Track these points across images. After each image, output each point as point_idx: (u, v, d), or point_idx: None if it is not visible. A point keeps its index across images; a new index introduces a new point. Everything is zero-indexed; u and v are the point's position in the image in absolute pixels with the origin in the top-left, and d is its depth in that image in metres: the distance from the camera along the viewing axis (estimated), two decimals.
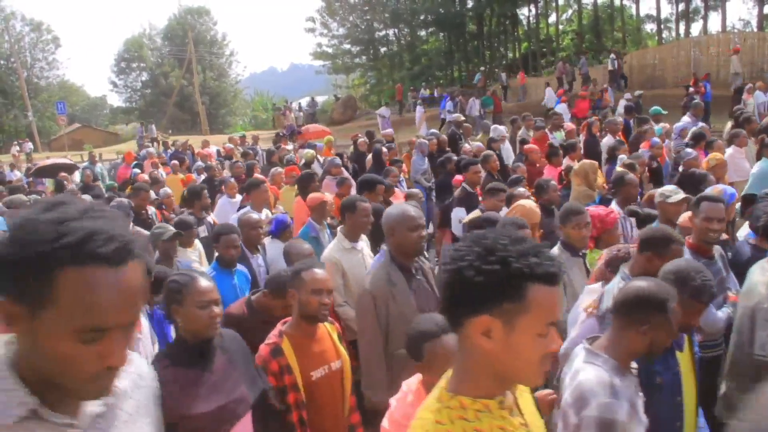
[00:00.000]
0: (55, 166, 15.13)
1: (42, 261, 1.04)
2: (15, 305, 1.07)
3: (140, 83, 59.87)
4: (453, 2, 40.08)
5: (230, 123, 57.61)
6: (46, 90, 53.61)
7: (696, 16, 35.30)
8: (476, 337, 1.38)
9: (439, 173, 9.40)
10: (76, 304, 1.05)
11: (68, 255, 1.04)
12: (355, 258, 4.66)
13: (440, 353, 2.43)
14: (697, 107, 11.40)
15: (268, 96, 59.28)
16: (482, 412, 1.40)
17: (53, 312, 1.06)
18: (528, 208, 4.93)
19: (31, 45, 53.66)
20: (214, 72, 58.42)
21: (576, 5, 39.81)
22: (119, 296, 1.09)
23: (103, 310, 1.07)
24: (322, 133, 17.36)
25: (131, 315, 1.13)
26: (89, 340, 1.08)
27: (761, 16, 29.70)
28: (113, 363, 1.12)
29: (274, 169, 9.65)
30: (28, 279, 1.05)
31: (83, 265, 1.05)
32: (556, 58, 38.31)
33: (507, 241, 1.37)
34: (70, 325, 1.06)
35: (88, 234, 1.06)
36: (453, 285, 1.40)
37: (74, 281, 1.05)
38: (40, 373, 1.12)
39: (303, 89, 79.30)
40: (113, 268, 1.07)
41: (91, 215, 1.10)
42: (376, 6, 44.66)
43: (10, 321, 1.09)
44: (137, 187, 8.34)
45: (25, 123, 44.63)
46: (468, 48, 43.09)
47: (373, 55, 46.85)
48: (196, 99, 46.15)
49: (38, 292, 1.05)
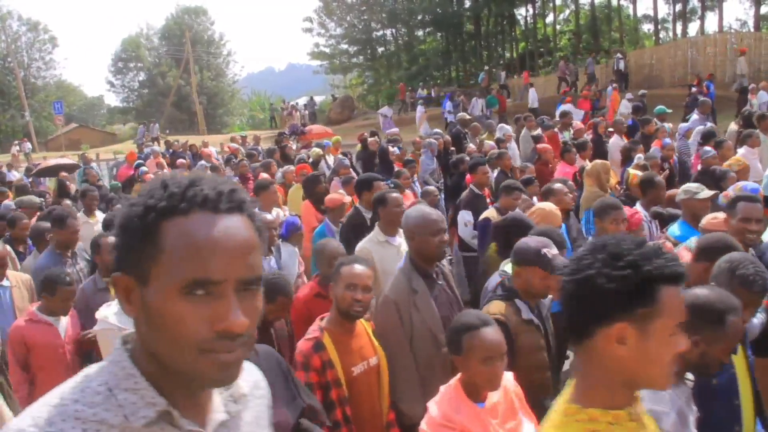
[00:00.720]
0: (57, 166, 15.04)
1: (146, 218, 0.98)
2: (128, 277, 1.01)
3: (137, 83, 59.84)
4: (450, 2, 40.13)
5: (228, 123, 57.58)
6: (43, 90, 53.51)
7: (693, 17, 35.39)
8: (610, 345, 1.35)
9: (451, 174, 9.30)
10: (180, 254, 0.96)
11: (171, 205, 0.98)
12: (388, 252, 4.55)
13: (478, 346, 2.42)
14: (705, 104, 11.30)
15: (266, 96, 59.21)
16: (614, 425, 1.37)
17: (158, 271, 0.97)
18: (548, 211, 4.75)
19: (28, 45, 53.61)
20: (212, 72, 58.38)
21: (573, 5, 39.88)
22: (227, 244, 0.98)
23: (208, 258, 0.96)
24: (326, 134, 17.19)
25: (244, 269, 1.00)
26: (197, 297, 0.96)
27: (758, 17, 29.82)
28: (225, 326, 0.97)
29: (285, 167, 9.54)
30: (135, 241, 0.99)
31: (187, 213, 0.98)
32: (553, 58, 38.42)
33: (631, 244, 1.36)
34: (175, 281, 0.96)
35: (191, 182, 1.01)
36: (582, 295, 1.37)
37: (177, 230, 0.97)
38: (157, 359, 1.01)
39: (300, 89, 79.28)
40: (219, 215, 0.99)
41: (199, 176, 1.05)
42: (374, 6, 44.73)
43: (127, 297, 1.03)
44: None
45: (22, 123, 44.54)
46: (465, 48, 43.14)
47: (370, 55, 46.90)
48: (194, 99, 46.05)
49: (144, 254, 0.99)
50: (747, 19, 37.31)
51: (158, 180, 1.03)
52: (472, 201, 6.64)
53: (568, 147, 8.57)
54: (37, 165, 17.42)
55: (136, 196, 1.04)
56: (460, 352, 2.48)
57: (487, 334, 2.44)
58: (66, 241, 5.28)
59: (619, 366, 1.36)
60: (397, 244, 4.59)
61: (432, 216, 3.46)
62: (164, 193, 0.99)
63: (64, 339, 4.15)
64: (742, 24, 38.52)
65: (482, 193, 6.84)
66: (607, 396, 1.39)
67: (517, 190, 5.74)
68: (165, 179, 1.02)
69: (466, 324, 2.51)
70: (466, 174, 8.23)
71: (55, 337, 4.09)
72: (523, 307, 3.07)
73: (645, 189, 5.62)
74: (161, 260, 0.97)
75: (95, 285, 4.60)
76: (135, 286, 1.01)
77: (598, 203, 4.39)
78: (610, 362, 1.37)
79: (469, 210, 6.46)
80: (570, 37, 41.31)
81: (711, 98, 14.26)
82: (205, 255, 0.97)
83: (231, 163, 12.72)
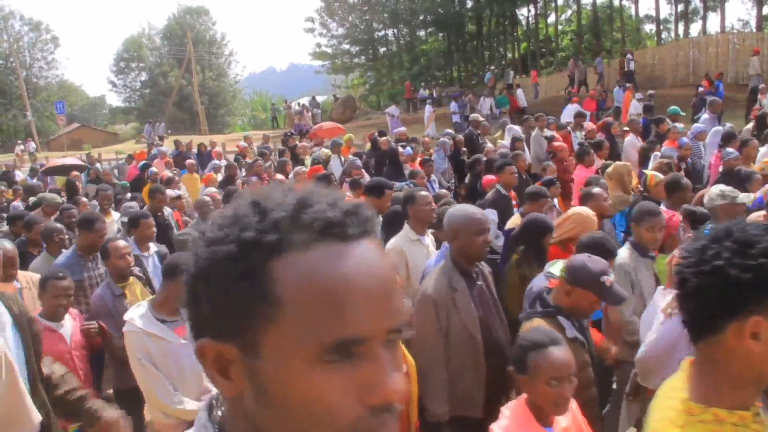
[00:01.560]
0: (65, 165, 15.01)
1: (246, 260, 0.71)
2: (222, 344, 0.73)
3: (139, 83, 59.79)
4: (452, 2, 40.14)
5: (229, 123, 57.58)
6: (45, 90, 53.51)
7: (695, 17, 35.41)
8: (742, 341, 1.26)
9: (464, 174, 9.25)
10: (309, 307, 0.69)
11: (282, 238, 0.71)
12: (419, 251, 4.56)
13: (545, 366, 2.26)
14: (715, 104, 11.21)
15: (267, 96, 59.27)
16: (738, 426, 1.28)
17: (277, 334, 0.70)
18: (586, 216, 4.52)
19: (30, 45, 53.63)
20: (213, 72, 58.37)
21: (575, 5, 39.89)
22: (369, 285, 0.72)
23: (350, 308, 0.70)
24: (337, 130, 16.88)
25: (391, 315, 0.74)
26: (338, 361, 0.70)
27: (760, 17, 29.81)
28: (383, 398, 0.71)
29: (297, 168, 9.54)
30: (232, 295, 0.71)
31: (307, 247, 0.71)
32: (555, 58, 38.44)
33: (758, 231, 1.26)
34: (308, 345, 0.69)
35: (301, 201, 0.74)
36: (712, 288, 1.27)
37: (298, 273, 0.70)
38: None
39: (302, 89, 79.31)
40: (349, 244, 0.72)
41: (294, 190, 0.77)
42: (376, 6, 44.73)
43: (222, 371, 0.74)
44: (154, 188, 8.03)
45: (24, 123, 44.53)
46: (467, 48, 43.16)
47: (372, 55, 46.91)
48: (195, 99, 46.05)
49: (249, 312, 0.70)
50: (749, 20, 37.31)
51: (244, 200, 0.76)
52: (497, 201, 6.60)
53: (586, 149, 8.34)
54: (44, 165, 17.37)
55: (204, 227, 0.77)
56: (525, 372, 2.32)
57: (555, 353, 2.29)
58: (92, 244, 5.11)
59: (750, 363, 1.28)
60: (427, 243, 4.64)
61: (477, 215, 3.44)
62: (264, 220, 0.72)
63: (70, 345, 3.95)
64: (745, 24, 38.55)
65: (508, 193, 6.76)
66: (734, 395, 1.31)
67: (543, 196, 5.64)
68: (256, 198, 0.75)
69: (533, 341, 2.35)
70: (482, 174, 8.19)
71: (60, 343, 3.86)
72: (567, 325, 2.93)
73: (671, 191, 5.50)
74: (279, 318, 0.69)
75: (112, 291, 4.44)
76: (237, 357, 0.73)
77: (638, 209, 4.25)
78: (741, 359, 1.28)
79: (494, 209, 6.35)
80: (572, 37, 41.33)
81: (720, 97, 14.25)
82: (346, 305, 0.70)
83: (241, 163, 12.68)
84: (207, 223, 0.77)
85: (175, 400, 3.40)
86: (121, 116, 62.30)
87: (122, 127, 57.84)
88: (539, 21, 40.28)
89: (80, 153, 28.84)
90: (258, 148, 15.05)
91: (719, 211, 4.66)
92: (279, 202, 0.74)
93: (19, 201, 10.56)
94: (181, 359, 3.47)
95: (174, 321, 3.53)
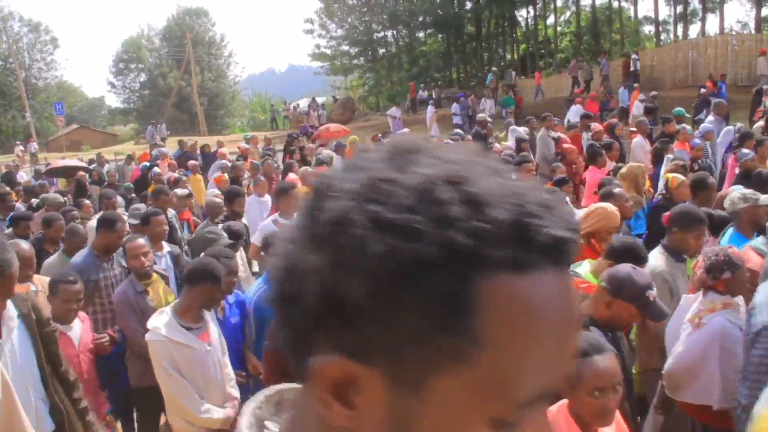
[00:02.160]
0: (67, 167, 14.98)
1: (454, 268, 0.50)
2: (363, 366, 0.54)
3: (138, 84, 59.72)
4: (451, 4, 40.23)
5: (228, 124, 57.59)
6: (44, 91, 53.50)
7: (694, 18, 35.48)
8: None
9: None
10: (517, 352, 0.52)
11: (505, 250, 0.51)
12: None
13: (588, 375, 2.14)
14: (720, 106, 11.14)
15: (266, 97, 59.27)
16: None
17: (459, 376, 0.52)
18: (610, 211, 4.30)
19: (29, 46, 53.61)
20: (213, 73, 58.36)
21: (574, 7, 39.95)
22: (576, 329, 0.58)
23: (567, 356, 0.56)
24: (343, 132, 16.81)
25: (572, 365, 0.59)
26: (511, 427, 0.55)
27: (759, 19, 29.89)
28: None
29: (303, 168, 9.44)
30: (416, 313, 0.51)
31: (524, 270, 0.52)
32: (554, 59, 38.50)
33: None
34: (493, 401, 0.53)
35: (525, 202, 0.53)
36: None
37: (515, 304, 0.52)
38: None
39: (301, 90, 79.35)
40: (562, 272, 0.55)
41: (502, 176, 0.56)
42: (375, 7, 44.80)
43: (342, 396, 0.55)
44: (158, 190, 7.92)
45: (23, 124, 44.51)
46: (466, 49, 43.25)
47: (371, 56, 46.97)
48: (195, 100, 46.06)
49: (433, 338, 0.51)
50: (748, 21, 37.37)
51: (435, 170, 0.53)
52: None
53: (598, 150, 8.17)
54: (47, 165, 17.30)
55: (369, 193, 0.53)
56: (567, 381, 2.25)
57: (599, 362, 2.15)
58: (110, 245, 5.03)
59: None
60: None
61: None
62: (482, 220, 0.50)
63: (78, 348, 3.88)
64: (743, 26, 38.58)
65: None
66: None
67: None
68: (462, 177, 0.53)
69: None
70: None
71: (68, 346, 3.74)
72: (600, 336, 2.70)
73: (697, 190, 5.41)
74: (471, 361, 0.52)
75: (134, 288, 4.42)
76: (379, 386, 0.54)
77: (683, 214, 4.08)
78: None
79: None
80: (571, 38, 41.39)
81: (724, 98, 14.20)
82: (561, 357, 0.56)
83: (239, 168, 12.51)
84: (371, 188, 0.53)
85: (201, 409, 3.39)
86: (120, 117, 62.26)
87: (121, 128, 57.78)
88: (538, 22, 40.36)
89: (81, 154, 28.87)
90: (262, 150, 15.02)
91: (742, 215, 4.55)
92: (499, 195, 0.52)
93: (20, 203, 10.52)
94: (207, 366, 3.47)
95: (199, 327, 3.52)
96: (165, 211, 7.10)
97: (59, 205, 7.95)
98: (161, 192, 7.69)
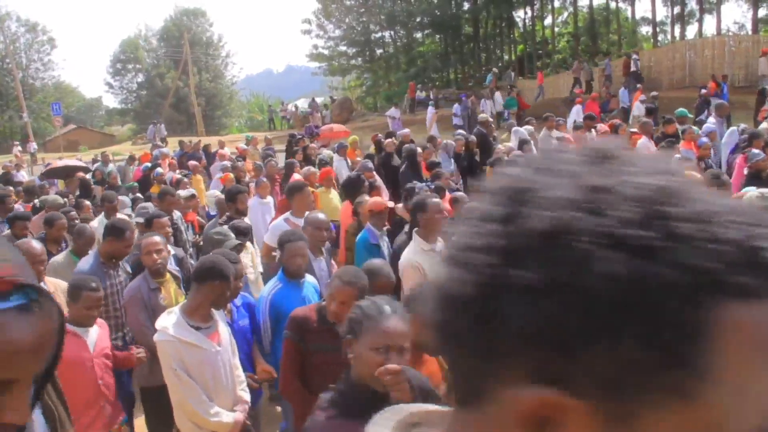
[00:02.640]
0: (66, 167, 14.92)
1: (699, 296, 0.46)
2: (573, 399, 0.47)
3: (136, 84, 59.62)
4: (449, 4, 40.27)
5: (226, 125, 57.51)
6: (41, 91, 53.36)
7: (691, 19, 35.56)
8: None
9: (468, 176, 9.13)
10: (747, 384, 0.47)
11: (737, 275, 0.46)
12: (434, 260, 4.24)
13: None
14: (722, 107, 11.17)
15: (264, 98, 59.25)
16: None
17: (683, 412, 0.47)
18: None
19: (26, 46, 53.56)
20: (210, 73, 58.28)
21: (572, 8, 40.01)
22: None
23: None
24: (345, 133, 16.75)
25: None
26: None
27: (755, 20, 29.98)
28: None
29: (306, 168, 9.35)
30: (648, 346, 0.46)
31: (757, 297, 0.47)
32: (552, 60, 38.55)
33: None
34: None
35: (746, 228, 0.48)
36: None
37: (751, 338, 0.47)
38: None
39: (299, 91, 79.33)
40: None
41: None
42: (372, 8, 44.82)
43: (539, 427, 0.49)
44: (164, 190, 7.70)
45: (20, 124, 44.44)
46: (464, 50, 43.28)
47: (369, 56, 46.97)
48: (192, 100, 46.06)
49: (662, 372, 0.46)
50: (745, 22, 37.50)
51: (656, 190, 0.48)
52: None
53: None
54: (47, 165, 17.19)
55: None
56: None
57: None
58: (117, 253, 4.97)
59: None
60: (439, 251, 4.35)
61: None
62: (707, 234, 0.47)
63: (93, 352, 3.77)
64: (740, 27, 38.70)
65: None
66: None
67: None
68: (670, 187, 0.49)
69: None
70: None
71: (82, 350, 3.69)
72: None
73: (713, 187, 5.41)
74: (698, 393, 0.46)
75: (148, 284, 4.39)
76: (585, 420, 0.48)
77: None
78: None
79: None
80: (568, 39, 41.45)
81: (725, 99, 14.16)
82: None
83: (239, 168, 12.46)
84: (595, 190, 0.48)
85: (211, 412, 3.33)
86: (118, 118, 62.15)
87: (118, 128, 57.71)
88: (536, 23, 40.39)
89: (79, 154, 28.80)
90: (263, 151, 14.97)
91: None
92: (722, 213, 0.49)
93: (20, 203, 10.46)
94: (216, 367, 3.41)
95: (208, 327, 3.46)
96: (170, 213, 6.96)
97: (59, 206, 7.93)
98: (167, 193, 7.52)
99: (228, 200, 6.93)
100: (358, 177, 7.32)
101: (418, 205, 4.61)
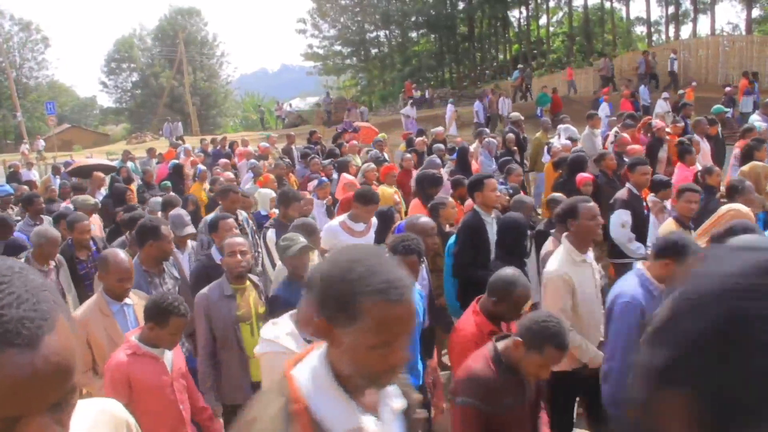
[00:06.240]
0: (93, 166, 13.95)
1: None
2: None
3: (130, 84, 59.40)
4: (444, 4, 40.37)
5: (221, 124, 57.41)
6: (35, 90, 53.12)
7: (686, 19, 35.78)
8: None
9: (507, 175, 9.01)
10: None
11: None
12: (585, 273, 3.95)
13: None
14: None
15: (259, 97, 59.18)
16: None
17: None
18: (744, 212, 4.08)
19: (20, 45, 53.22)
20: (205, 73, 58.18)
21: (566, 8, 40.13)
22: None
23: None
24: (374, 132, 16.49)
25: None
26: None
27: (749, 20, 30.15)
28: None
29: (366, 165, 9.17)
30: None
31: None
32: (546, 60, 38.61)
33: None
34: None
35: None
36: None
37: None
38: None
39: (294, 90, 79.18)
40: None
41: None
42: (367, 7, 44.85)
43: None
44: (226, 187, 6.73)
45: (13, 123, 44.25)
46: (459, 50, 43.40)
47: (363, 56, 47.03)
48: (187, 100, 45.89)
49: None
50: (739, 22, 37.64)
51: None
52: (630, 201, 6.15)
53: (688, 147, 7.88)
54: (70, 164, 16.49)
55: None
56: None
57: None
58: (158, 254, 4.48)
59: None
60: (590, 261, 4.08)
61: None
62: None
63: (172, 374, 3.42)
64: (734, 27, 38.85)
65: (640, 194, 6.34)
66: None
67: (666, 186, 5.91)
68: None
69: None
70: None
71: (162, 374, 3.36)
72: None
73: None
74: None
75: (221, 291, 4.01)
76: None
77: None
78: None
79: (627, 210, 5.99)
80: (563, 39, 41.55)
81: (757, 99, 14.06)
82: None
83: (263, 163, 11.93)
84: None
85: None
86: (112, 117, 61.89)
87: (113, 127, 57.48)
88: (531, 23, 40.52)
89: (65, 153, 28.58)
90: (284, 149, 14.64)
91: None
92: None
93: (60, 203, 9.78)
94: None
95: (311, 341, 3.10)
96: (235, 213, 6.29)
97: (89, 207, 7.49)
98: (230, 190, 6.50)
99: (280, 203, 6.26)
100: (434, 174, 6.95)
101: (569, 210, 4.10)
